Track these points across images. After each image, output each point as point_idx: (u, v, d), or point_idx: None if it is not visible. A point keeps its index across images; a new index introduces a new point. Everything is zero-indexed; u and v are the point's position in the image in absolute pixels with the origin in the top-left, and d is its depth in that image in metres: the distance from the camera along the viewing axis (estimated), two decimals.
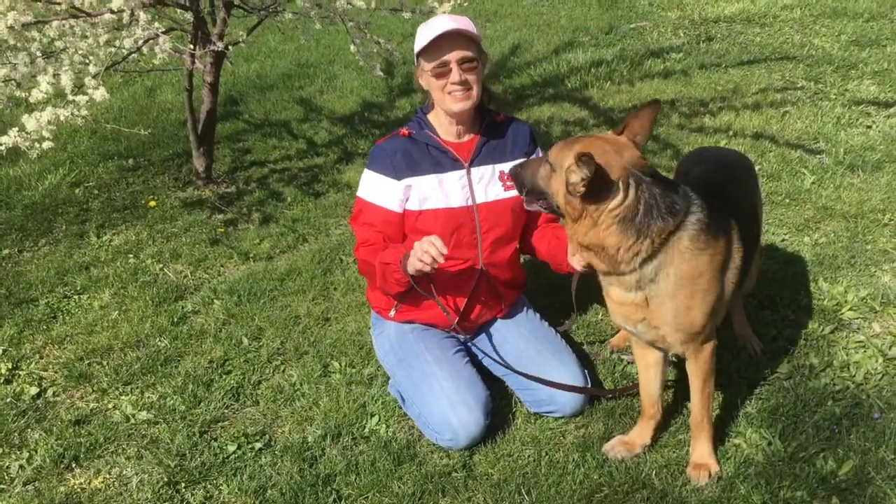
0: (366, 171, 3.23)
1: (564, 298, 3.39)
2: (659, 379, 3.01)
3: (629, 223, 2.56)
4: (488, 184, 3.22)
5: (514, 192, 3.22)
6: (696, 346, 2.81)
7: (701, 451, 2.94)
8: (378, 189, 3.17)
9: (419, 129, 3.21)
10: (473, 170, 3.19)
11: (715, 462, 2.93)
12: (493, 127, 3.25)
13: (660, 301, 2.69)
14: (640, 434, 3.04)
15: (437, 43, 2.99)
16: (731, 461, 2.95)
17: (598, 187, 2.53)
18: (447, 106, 3.09)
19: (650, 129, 2.73)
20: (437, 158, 3.17)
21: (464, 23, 3.03)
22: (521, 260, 3.56)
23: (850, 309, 3.77)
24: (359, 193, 3.25)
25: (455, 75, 3.01)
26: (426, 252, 2.82)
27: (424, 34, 3.03)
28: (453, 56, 3.00)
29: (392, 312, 3.36)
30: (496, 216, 3.22)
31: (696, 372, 2.87)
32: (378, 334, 3.46)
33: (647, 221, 2.56)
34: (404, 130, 3.22)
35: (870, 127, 5.81)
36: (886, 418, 3.11)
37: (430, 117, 3.24)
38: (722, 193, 2.90)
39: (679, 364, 3.27)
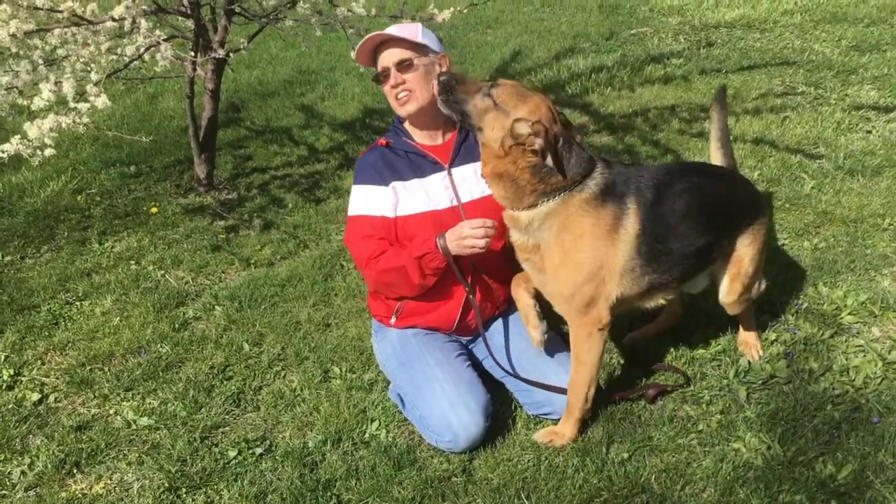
0: (354, 187, 3.26)
1: None
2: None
3: (539, 170, 2.86)
4: (472, 182, 3.25)
5: None
6: (573, 315, 3.04)
7: (564, 426, 3.14)
8: (371, 200, 3.20)
9: (396, 137, 3.27)
10: (454, 170, 3.24)
11: (573, 433, 3.13)
12: None
13: (547, 249, 2.97)
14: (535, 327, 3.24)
15: (370, 52, 3.14)
16: (731, 465, 2.96)
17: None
18: (398, 111, 3.21)
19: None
20: (416, 164, 3.23)
21: (403, 29, 3.13)
22: None
23: (849, 313, 3.77)
24: (352, 212, 3.25)
25: (392, 78, 3.11)
26: (473, 237, 2.94)
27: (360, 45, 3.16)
28: (388, 61, 3.11)
29: (392, 319, 3.37)
30: (483, 213, 3.18)
31: (572, 346, 3.10)
32: (380, 340, 3.46)
33: (549, 173, 2.86)
34: (382, 140, 3.28)
35: (870, 132, 5.81)
36: (885, 422, 3.12)
37: (406, 124, 3.31)
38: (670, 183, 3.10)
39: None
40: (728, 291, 3.37)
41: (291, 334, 3.91)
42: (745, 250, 3.31)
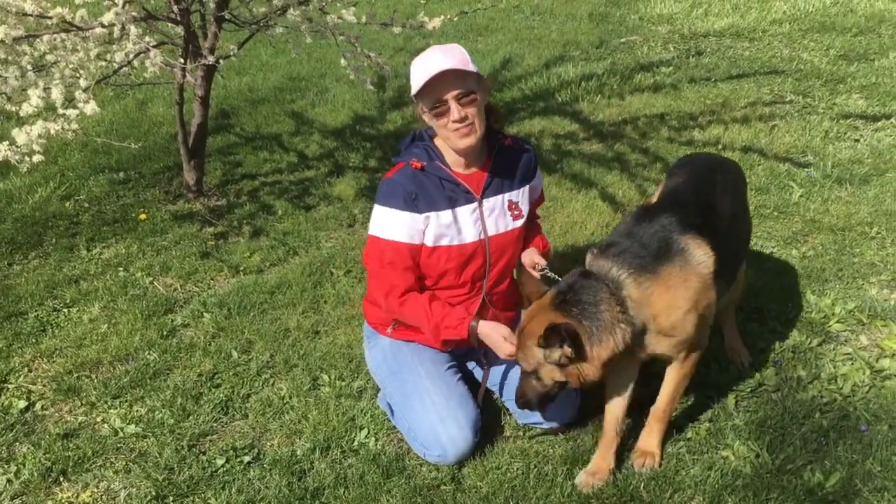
0: (382, 208, 3.08)
1: None
2: (626, 403, 3.06)
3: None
4: (498, 215, 3.17)
5: (521, 222, 3.24)
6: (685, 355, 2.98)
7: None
8: (401, 226, 3.05)
9: (429, 159, 3.09)
10: (485, 202, 3.13)
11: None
12: (501, 153, 3.19)
13: None
14: (605, 459, 3.02)
15: (432, 83, 2.89)
16: (719, 473, 2.96)
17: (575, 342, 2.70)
18: (453, 143, 3.02)
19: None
20: (450, 192, 3.08)
21: (456, 56, 2.90)
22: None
23: (837, 321, 3.79)
24: (378, 233, 3.09)
25: (454, 113, 2.91)
26: (507, 353, 2.94)
27: (418, 77, 2.91)
28: (450, 94, 2.90)
29: (389, 330, 3.35)
30: (504, 247, 3.20)
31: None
32: (372, 346, 3.45)
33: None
34: (416, 163, 3.08)
35: (857, 140, 5.85)
36: (873, 430, 3.13)
37: (438, 143, 3.13)
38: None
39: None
40: None
41: (280, 342, 3.89)
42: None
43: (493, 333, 2.98)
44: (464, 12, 5.62)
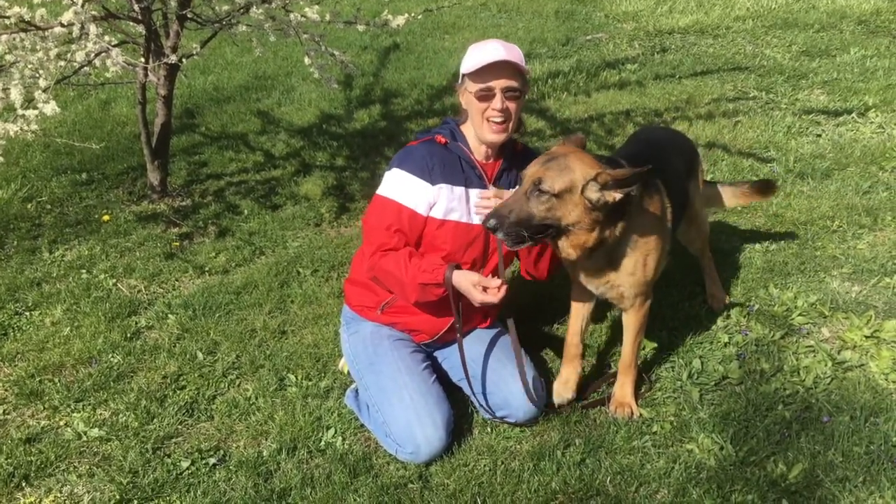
0: (396, 170, 3.18)
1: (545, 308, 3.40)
2: (584, 326, 3.43)
3: (613, 207, 2.86)
4: None
5: None
6: (641, 301, 3.22)
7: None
8: (410, 190, 3.14)
9: (453, 139, 3.21)
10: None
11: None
12: (513, 155, 3.29)
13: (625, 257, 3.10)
14: (569, 370, 3.41)
15: (488, 69, 2.99)
16: (684, 466, 2.99)
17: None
18: (483, 133, 3.12)
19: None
20: (467, 173, 3.19)
21: (515, 53, 3.03)
22: None
23: (799, 314, 3.84)
24: (385, 193, 3.18)
25: (497, 102, 3.03)
26: (487, 297, 2.97)
27: (475, 57, 3.02)
28: (499, 84, 3.02)
29: (378, 311, 3.35)
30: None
31: (636, 325, 3.30)
32: (352, 333, 3.43)
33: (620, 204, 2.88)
34: (441, 138, 3.20)
35: (819, 136, 5.93)
36: (835, 421, 3.17)
37: (464, 129, 3.23)
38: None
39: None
40: (687, 231, 3.81)
41: (246, 342, 3.87)
42: (694, 193, 3.73)
43: (464, 281, 3.00)
44: (429, 10, 5.62)
